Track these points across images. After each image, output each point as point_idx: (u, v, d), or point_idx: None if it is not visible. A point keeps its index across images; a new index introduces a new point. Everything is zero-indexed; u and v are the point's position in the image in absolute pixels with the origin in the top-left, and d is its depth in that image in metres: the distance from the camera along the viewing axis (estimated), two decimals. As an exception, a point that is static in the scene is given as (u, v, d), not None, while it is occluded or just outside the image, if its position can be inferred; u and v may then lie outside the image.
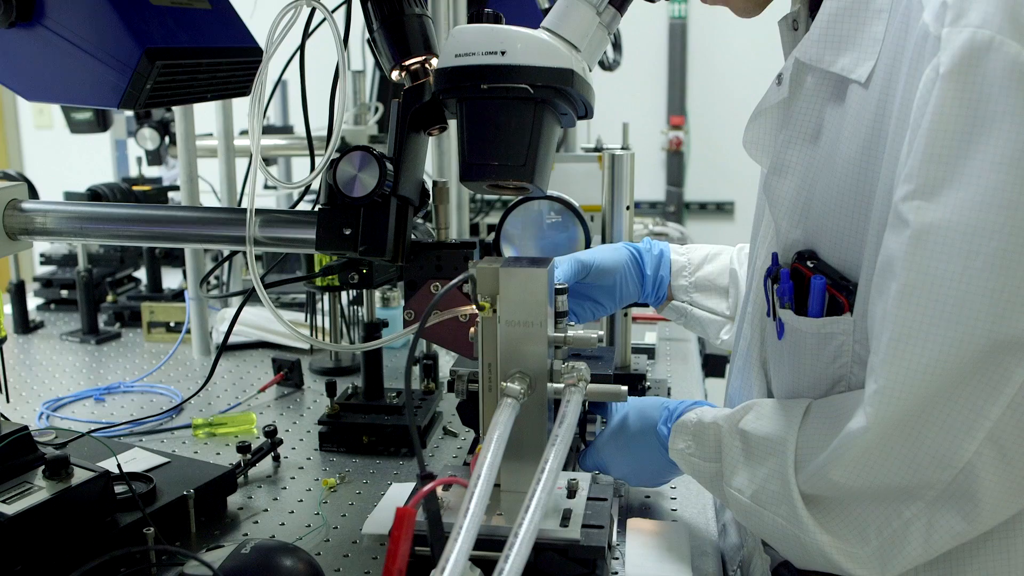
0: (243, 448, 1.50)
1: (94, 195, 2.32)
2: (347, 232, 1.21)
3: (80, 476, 1.22)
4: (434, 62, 1.24)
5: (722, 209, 5.27)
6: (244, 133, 3.21)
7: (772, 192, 1.15)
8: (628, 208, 1.72)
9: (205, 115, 2.12)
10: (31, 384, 1.99)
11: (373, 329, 1.68)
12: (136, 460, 1.41)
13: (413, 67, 1.24)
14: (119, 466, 1.28)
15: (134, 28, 1.37)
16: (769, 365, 1.22)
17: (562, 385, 1.11)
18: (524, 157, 1.13)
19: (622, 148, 3.12)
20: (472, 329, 1.20)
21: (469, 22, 1.21)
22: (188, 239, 1.31)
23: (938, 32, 0.90)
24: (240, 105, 2.07)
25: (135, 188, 2.44)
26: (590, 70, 1.19)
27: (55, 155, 5.46)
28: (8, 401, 1.60)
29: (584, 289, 1.48)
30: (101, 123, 2.56)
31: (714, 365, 2.45)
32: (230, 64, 1.61)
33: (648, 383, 1.75)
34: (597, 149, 3.07)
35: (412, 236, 1.35)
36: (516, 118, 1.13)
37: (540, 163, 1.15)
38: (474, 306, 1.12)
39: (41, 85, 1.41)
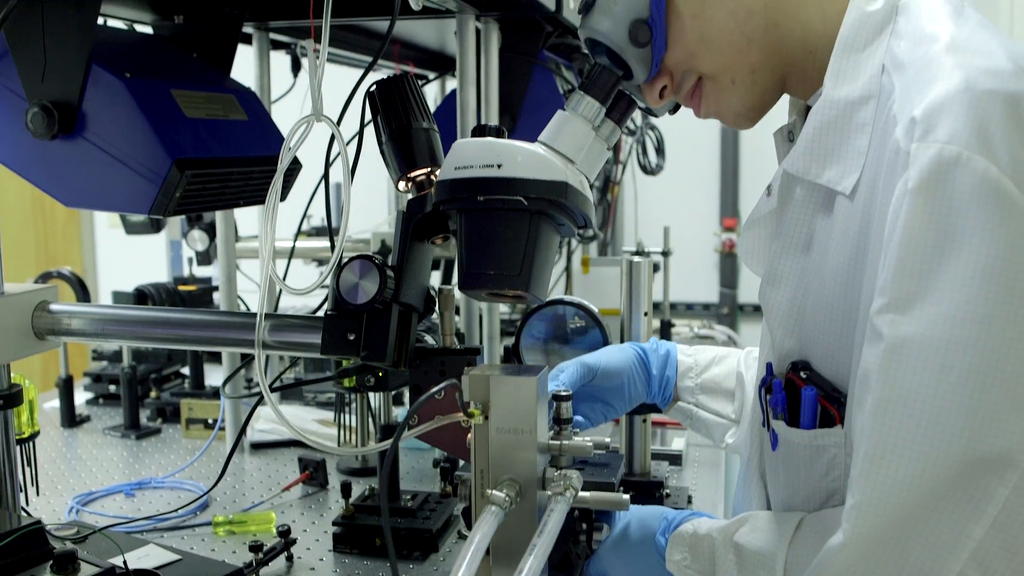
0: (255, 547, 1.52)
1: (140, 295, 2.41)
2: (351, 337, 1.25)
3: (87, 572, 1.24)
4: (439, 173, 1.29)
5: (777, 311, 5.21)
6: (306, 234, 3.32)
7: (767, 301, 1.16)
8: (646, 313, 1.73)
9: (252, 216, 2.21)
10: (68, 477, 2.04)
11: (389, 432, 1.70)
12: (149, 557, 1.43)
13: (418, 178, 1.29)
14: (124, 563, 1.31)
15: (166, 139, 1.45)
16: (767, 476, 1.20)
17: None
18: (519, 267, 1.16)
19: (662, 252, 3.16)
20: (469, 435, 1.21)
21: (473, 135, 1.25)
22: (201, 342, 1.36)
23: (907, 147, 0.91)
24: (284, 209, 2.15)
25: (181, 288, 2.53)
26: (590, 181, 1.22)
27: (127, 253, 5.67)
28: (38, 494, 1.65)
29: (594, 391, 1.48)
30: (155, 225, 2.67)
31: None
32: (264, 172, 1.68)
33: (667, 490, 1.73)
34: (639, 253, 3.10)
35: (431, 341, 1.38)
36: (511, 229, 1.16)
37: (536, 272, 1.18)
38: (463, 412, 1.14)
39: (78, 192, 1.49)
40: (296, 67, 2.58)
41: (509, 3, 1.88)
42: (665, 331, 3.05)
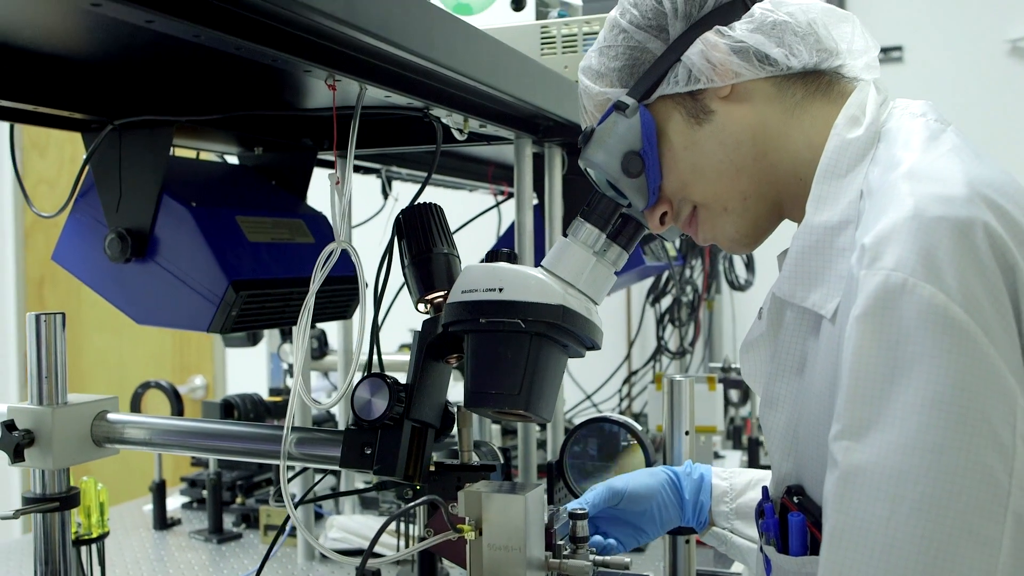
0: (291, 655, 1.57)
1: (227, 405, 2.54)
2: (367, 451, 1.31)
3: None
4: (456, 297, 1.35)
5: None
6: (404, 348, 3.43)
7: (765, 424, 1.17)
8: (687, 433, 1.72)
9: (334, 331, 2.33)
10: (145, 578, 2.15)
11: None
12: (188, 659, 1.50)
13: (436, 300, 1.35)
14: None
15: (225, 262, 1.58)
16: (768, 604, 1.18)
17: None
18: (519, 387, 1.21)
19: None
20: (472, 550, 1.24)
21: (486, 260, 1.32)
22: (233, 452, 1.43)
23: (858, 274, 0.92)
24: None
25: (269, 399, 2.66)
26: (596, 303, 1.26)
27: (251, 362, 5.93)
28: (105, 594, 1.74)
29: (623, 515, 1.49)
30: (251, 339, 2.83)
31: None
32: (326, 292, 1.78)
33: (712, 616, 1.69)
34: (724, 369, 3.07)
35: (473, 459, 1.42)
36: (512, 350, 1.21)
37: (536, 392, 1.22)
38: (453, 528, 1.17)
39: (148, 310, 1.62)
40: (385, 191, 2.73)
41: (566, 130, 1.96)
42: (753, 449, 2.99)
